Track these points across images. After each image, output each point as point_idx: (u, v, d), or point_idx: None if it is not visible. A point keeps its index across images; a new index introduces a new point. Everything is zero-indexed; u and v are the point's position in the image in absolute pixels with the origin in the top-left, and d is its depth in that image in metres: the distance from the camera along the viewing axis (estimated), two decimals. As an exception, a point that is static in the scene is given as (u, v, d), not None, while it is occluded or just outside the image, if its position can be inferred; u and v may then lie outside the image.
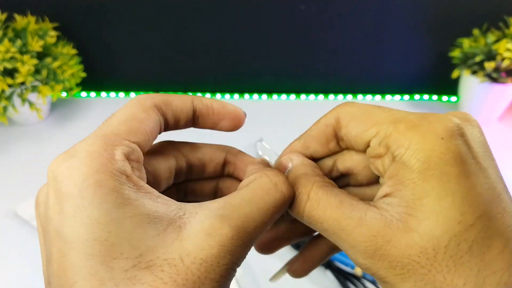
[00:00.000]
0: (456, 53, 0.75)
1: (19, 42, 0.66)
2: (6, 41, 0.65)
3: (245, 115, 0.22)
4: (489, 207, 0.16)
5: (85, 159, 0.16)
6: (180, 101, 0.20)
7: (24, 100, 0.68)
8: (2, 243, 0.53)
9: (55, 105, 0.80)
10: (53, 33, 0.72)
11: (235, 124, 0.22)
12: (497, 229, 0.15)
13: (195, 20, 0.79)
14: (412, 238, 0.16)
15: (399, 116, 0.18)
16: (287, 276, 0.29)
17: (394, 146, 0.17)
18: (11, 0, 0.74)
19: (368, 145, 0.19)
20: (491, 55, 0.70)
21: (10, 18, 0.71)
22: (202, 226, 0.16)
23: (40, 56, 0.70)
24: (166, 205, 0.16)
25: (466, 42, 0.74)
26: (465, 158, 0.16)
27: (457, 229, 0.15)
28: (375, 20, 0.78)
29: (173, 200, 0.17)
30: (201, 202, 0.17)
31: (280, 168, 0.21)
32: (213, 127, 0.22)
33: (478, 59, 0.71)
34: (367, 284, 0.47)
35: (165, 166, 0.21)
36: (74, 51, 0.76)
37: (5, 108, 0.67)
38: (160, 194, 0.17)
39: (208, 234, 0.15)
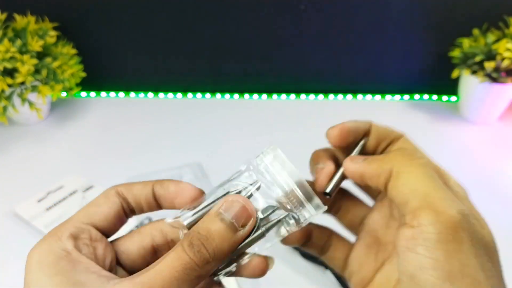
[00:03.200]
0: (456, 53, 0.75)
1: (19, 42, 0.66)
2: (6, 41, 0.65)
3: (201, 192, 0.23)
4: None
5: (39, 244, 0.20)
6: (141, 186, 0.23)
7: (24, 100, 0.68)
8: (2, 243, 0.53)
9: (55, 105, 0.80)
10: (53, 33, 0.72)
11: (186, 202, 0.23)
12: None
13: (195, 20, 0.79)
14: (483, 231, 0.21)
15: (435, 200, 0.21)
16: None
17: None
18: (11, 0, 0.74)
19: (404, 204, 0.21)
20: (491, 55, 0.70)
21: (10, 18, 0.71)
22: None
23: (40, 56, 0.70)
24: (96, 277, 0.19)
25: (466, 42, 0.74)
26: (464, 236, 0.20)
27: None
28: (375, 20, 0.78)
29: (109, 274, 0.20)
30: (127, 278, 0.19)
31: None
32: (172, 206, 0.24)
33: (478, 59, 0.71)
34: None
35: (136, 242, 0.24)
36: (74, 51, 0.76)
37: (5, 108, 0.67)
38: (98, 267, 0.20)
39: None
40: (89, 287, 0.19)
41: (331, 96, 0.87)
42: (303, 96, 0.87)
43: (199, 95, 0.87)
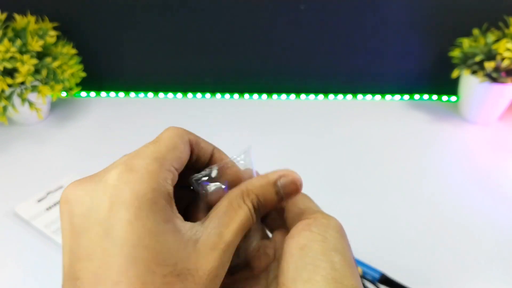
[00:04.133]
0: (456, 53, 0.75)
1: (19, 42, 0.66)
2: (6, 41, 0.65)
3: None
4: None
5: (146, 176, 0.19)
6: (206, 145, 0.24)
7: (24, 100, 0.68)
8: (2, 243, 0.53)
9: (55, 105, 0.80)
10: (53, 33, 0.72)
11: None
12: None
13: (195, 20, 0.79)
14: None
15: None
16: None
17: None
18: (11, 0, 0.74)
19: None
20: (491, 55, 0.70)
21: (10, 18, 0.71)
22: (208, 242, 0.20)
23: (40, 56, 0.70)
24: (185, 225, 0.20)
25: (466, 42, 0.74)
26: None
27: None
28: (375, 20, 0.78)
29: (186, 221, 0.20)
30: (203, 223, 0.21)
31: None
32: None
33: (478, 59, 0.71)
34: (367, 284, 0.47)
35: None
36: (74, 51, 0.76)
37: (5, 108, 0.67)
38: (180, 216, 0.20)
39: (212, 249, 0.19)
40: (184, 235, 0.19)
41: (331, 96, 0.87)
42: (303, 96, 0.87)
43: (199, 95, 0.87)
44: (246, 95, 0.87)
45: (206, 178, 0.23)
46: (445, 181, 0.65)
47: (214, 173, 0.24)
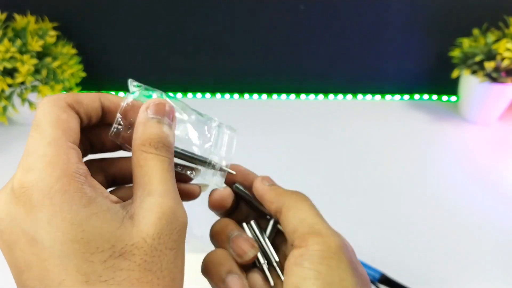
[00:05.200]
0: (456, 53, 0.75)
1: (19, 42, 0.66)
2: (6, 41, 0.65)
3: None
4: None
5: (45, 169, 0.18)
6: (90, 99, 0.22)
7: (24, 100, 0.68)
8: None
9: (55, 105, 0.80)
10: (53, 33, 0.72)
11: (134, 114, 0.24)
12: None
13: (195, 20, 0.79)
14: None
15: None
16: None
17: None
18: (11, 0, 0.74)
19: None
20: (491, 55, 0.70)
21: (10, 18, 0.71)
22: (149, 210, 0.19)
23: (40, 56, 0.70)
24: (114, 202, 0.19)
25: (466, 42, 0.74)
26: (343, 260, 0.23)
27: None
28: (375, 20, 0.78)
29: (112, 195, 0.20)
30: (135, 199, 0.20)
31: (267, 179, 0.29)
32: (114, 118, 0.23)
33: (478, 59, 0.71)
34: (367, 284, 0.47)
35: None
36: (74, 51, 0.76)
37: (5, 108, 0.67)
38: (106, 191, 0.19)
39: (155, 213, 0.19)
40: (117, 214, 0.18)
41: (331, 96, 0.87)
42: (303, 96, 0.87)
43: (199, 95, 0.87)
44: (246, 95, 0.87)
45: (119, 127, 0.23)
46: (445, 181, 0.65)
47: (120, 121, 0.23)
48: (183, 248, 0.20)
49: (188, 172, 0.25)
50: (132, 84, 0.25)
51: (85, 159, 0.24)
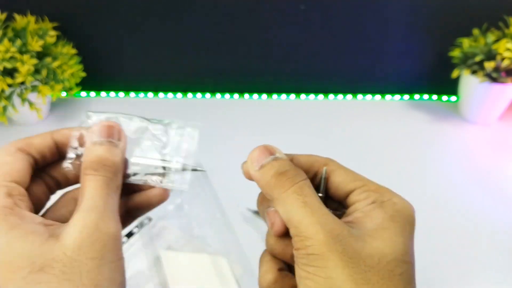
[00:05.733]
0: (456, 53, 0.75)
1: (19, 42, 0.66)
2: (6, 41, 0.65)
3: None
4: (414, 264, 0.22)
5: None
6: (41, 138, 0.25)
7: (24, 100, 0.68)
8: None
9: (55, 105, 0.80)
10: (53, 33, 0.72)
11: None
12: (414, 279, 0.21)
13: (195, 20, 0.79)
14: (364, 245, 0.21)
15: (380, 184, 0.24)
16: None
17: (378, 195, 0.23)
18: (11, 0, 0.74)
19: (348, 193, 0.24)
20: (491, 55, 0.70)
21: (10, 18, 0.71)
22: (73, 225, 0.21)
23: (40, 56, 0.70)
24: (45, 225, 0.21)
25: (466, 42, 0.74)
26: (413, 232, 0.23)
27: (399, 258, 0.21)
28: (375, 20, 0.79)
29: (51, 221, 0.22)
30: (72, 218, 0.22)
31: (264, 151, 0.24)
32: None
33: (478, 59, 0.71)
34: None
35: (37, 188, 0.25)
36: (74, 51, 0.76)
37: (5, 108, 0.67)
38: (40, 218, 0.22)
39: (77, 227, 0.21)
40: (43, 235, 0.20)
41: (331, 96, 0.87)
42: (303, 96, 0.87)
43: (199, 95, 0.87)
44: (246, 95, 0.87)
45: (70, 159, 0.25)
46: (445, 181, 0.65)
47: (72, 153, 0.25)
48: (111, 256, 0.21)
49: (154, 179, 0.26)
50: (87, 115, 0.26)
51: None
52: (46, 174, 0.25)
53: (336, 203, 0.25)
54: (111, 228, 0.21)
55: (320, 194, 0.25)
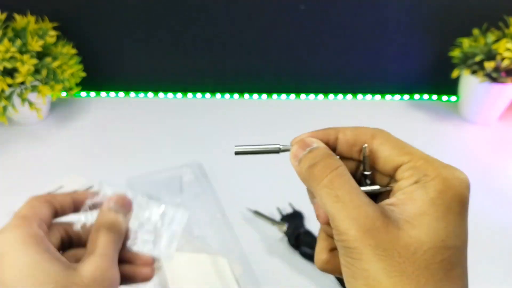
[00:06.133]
0: (456, 53, 0.75)
1: (19, 42, 0.66)
2: (6, 40, 0.65)
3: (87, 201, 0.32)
4: (462, 246, 0.21)
5: (14, 230, 0.26)
6: (62, 196, 0.31)
7: (23, 99, 0.68)
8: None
9: (55, 105, 0.80)
10: (53, 33, 0.72)
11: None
12: (461, 262, 0.21)
13: (195, 20, 0.79)
14: (401, 235, 0.20)
15: (432, 157, 0.23)
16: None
17: (421, 173, 0.21)
18: (11, 0, 0.74)
19: (394, 168, 0.23)
20: (491, 55, 0.70)
21: (10, 18, 0.71)
22: (89, 264, 0.26)
23: (40, 56, 0.70)
24: (62, 259, 0.26)
25: (466, 42, 0.74)
26: (466, 207, 0.21)
27: (439, 245, 0.20)
28: (375, 20, 0.78)
29: (64, 259, 0.27)
30: (82, 262, 0.27)
31: (302, 145, 0.25)
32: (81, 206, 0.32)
33: (478, 58, 0.71)
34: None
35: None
36: (74, 51, 0.76)
37: (5, 108, 0.67)
38: (58, 253, 0.27)
39: (93, 267, 0.26)
40: (65, 264, 0.26)
41: (331, 96, 0.87)
42: (303, 96, 0.87)
43: (199, 95, 0.87)
44: (246, 95, 0.87)
45: (84, 217, 0.31)
46: (445, 181, 0.65)
47: (82, 217, 0.31)
48: None
49: (146, 247, 0.32)
50: (101, 185, 0.32)
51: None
52: (61, 226, 0.31)
53: (388, 177, 0.24)
54: (115, 275, 0.28)
55: (367, 172, 0.24)
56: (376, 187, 0.24)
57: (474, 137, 0.75)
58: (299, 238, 0.52)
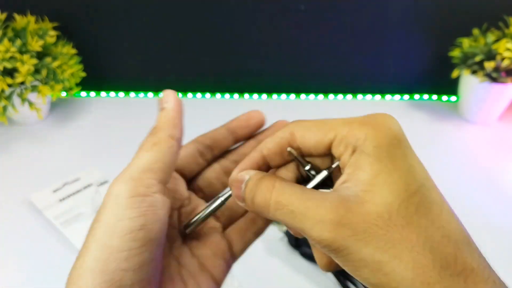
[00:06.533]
0: (456, 53, 0.75)
1: (18, 42, 0.66)
2: (6, 40, 0.65)
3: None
4: (425, 181, 0.20)
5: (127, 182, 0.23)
6: (216, 131, 0.30)
7: (23, 99, 0.68)
8: (2, 245, 0.53)
9: (55, 105, 0.80)
10: (53, 32, 0.72)
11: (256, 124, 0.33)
12: (434, 198, 0.20)
13: (195, 20, 0.79)
14: (368, 207, 0.19)
15: (350, 119, 0.22)
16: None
17: (352, 140, 0.21)
18: (11, 0, 0.74)
19: (328, 149, 0.22)
20: (491, 55, 0.70)
21: (10, 18, 0.71)
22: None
23: (40, 55, 0.70)
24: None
25: (466, 42, 0.74)
26: (406, 144, 0.21)
27: (405, 195, 0.19)
28: (375, 20, 0.78)
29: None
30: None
31: (236, 184, 0.24)
32: (248, 131, 0.32)
33: (478, 58, 0.71)
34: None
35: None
36: (74, 51, 0.76)
37: (4, 108, 0.67)
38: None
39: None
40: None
41: (331, 96, 0.87)
42: (303, 96, 0.87)
43: (199, 95, 0.87)
44: (246, 95, 0.87)
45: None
46: (445, 181, 0.64)
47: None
48: None
49: None
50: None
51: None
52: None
53: (329, 157, 0.23)
54: None
55: (307, 167, 0.24)
56: (324, 172, 0.23)
57: (474, 137, 0.75)
58: (299, 238, 0.52)
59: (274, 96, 0.87)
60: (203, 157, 0.29)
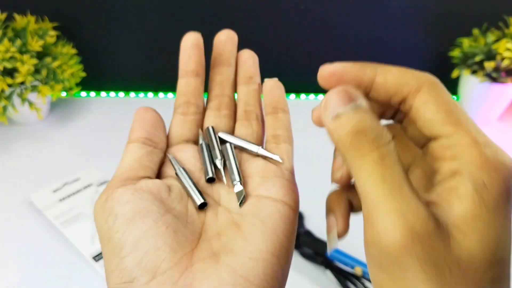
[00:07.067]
0: (456, 53, 0.75)
1: (18, 42, 0.66)
2: (5, 40, 0.65)
3: None
4: (509, 256, 0.17)
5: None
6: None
7: (23, 99, 0.68)
8: (2, 244, 0.53)
9: (55, 105, 0.80)
10: (53, 32, 0.72)
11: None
12: (506, 276, 0.16)
13: (194, 20, 0.79)
14: (453, 244, 0.16)
15: (477, 132, 0.18)
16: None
17: (466, 158, 0.17)
18: (11, 0, 0.74)
19: (433, 138, 0.18)
20: (491, 55, 0.70)
21: (10, 18, 0.71)
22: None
23: (40, 55, 0.70)
24: None
25: (466, 42, 0.74)
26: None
27: (490, 260, 0.16)
28: (375, 20, 0.78)
29: None
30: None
31: (343, 96, 0.19)
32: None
33: (478, 58, 0.71)
34: (367, 284, 0.47)
35: None
36: (74, 51, 0.76)
37: (4, 108, 0.67)
38: None
39: None
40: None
41: (331, 96, 0.87)
42: (303, 96, 0.87)
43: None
44: (246, 95, 0.87)
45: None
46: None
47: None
48: None
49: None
50: None
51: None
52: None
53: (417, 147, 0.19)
54: None
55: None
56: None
57: (474, 137, 0.75)
58: (299, 238, 0.52)
59: (274, 96, 0.87)
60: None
